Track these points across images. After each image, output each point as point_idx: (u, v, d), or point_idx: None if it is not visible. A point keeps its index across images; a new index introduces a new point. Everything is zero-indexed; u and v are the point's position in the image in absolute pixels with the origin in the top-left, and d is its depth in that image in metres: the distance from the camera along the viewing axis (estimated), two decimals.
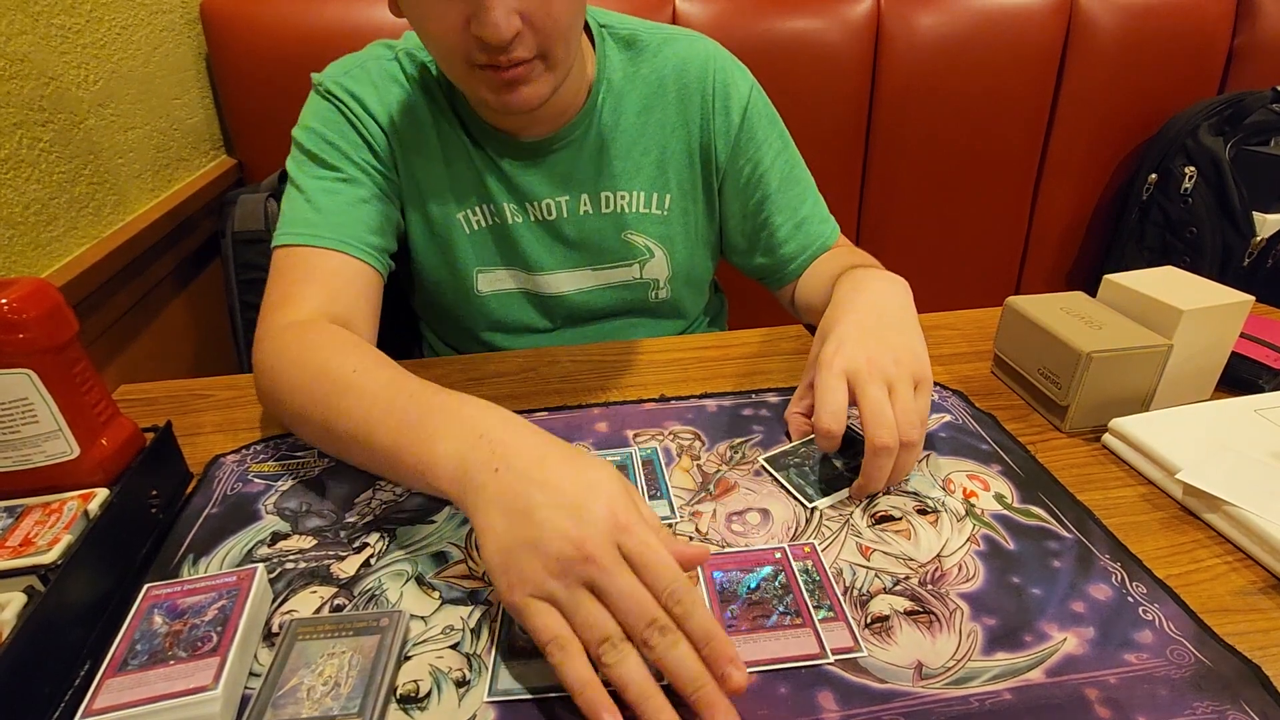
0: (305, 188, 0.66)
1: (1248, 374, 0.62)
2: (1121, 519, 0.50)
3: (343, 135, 0.67)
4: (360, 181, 0.67)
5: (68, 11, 0.80)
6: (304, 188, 0.66)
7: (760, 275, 0.82)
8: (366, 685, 0.38)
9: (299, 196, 0.66)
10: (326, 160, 0.66)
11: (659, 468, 0.56)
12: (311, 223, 0.64)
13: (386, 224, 0.69)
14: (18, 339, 0.44)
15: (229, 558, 0.48)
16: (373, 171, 0.68)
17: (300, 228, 0.64)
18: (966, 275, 1.40)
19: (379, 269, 0.66)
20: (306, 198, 0.65)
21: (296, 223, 0.64)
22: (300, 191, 0.66)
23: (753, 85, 0.75)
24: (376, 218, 0.67)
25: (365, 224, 0.66)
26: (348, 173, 0.66)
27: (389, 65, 0.70)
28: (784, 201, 0.76)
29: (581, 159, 0.73)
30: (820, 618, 0.42)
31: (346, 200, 0.66)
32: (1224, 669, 0.39)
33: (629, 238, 0.76)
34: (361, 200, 0.66)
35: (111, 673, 0.37)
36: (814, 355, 0.55)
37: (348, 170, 0.67)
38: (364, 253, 0.65)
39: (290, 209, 0.65)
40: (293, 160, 0.68)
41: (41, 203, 0.75)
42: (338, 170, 0.66)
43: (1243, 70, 1.28)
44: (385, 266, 0.68)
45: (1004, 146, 1.30)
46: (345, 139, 0.67)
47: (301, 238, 0.63)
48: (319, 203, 0.65)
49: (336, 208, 0.65)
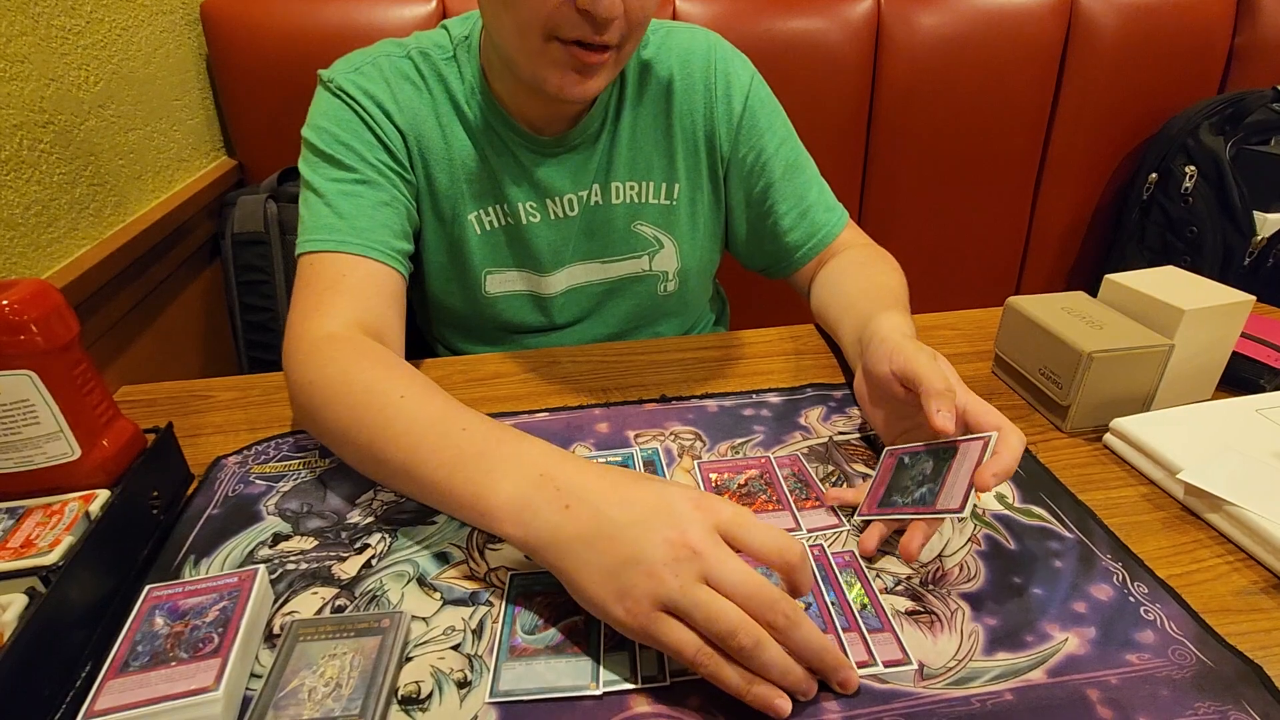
0: (324, 191, 0.64)
1: (1249, 374, 0.62)
2: (1123, 519, 0.50)
3: (357, 135, 0.66)
4: (379, 184, 0.66)
5: (68, 13, 0.80)
6: (322, 191, 0.64)
7: (765, 264, 0.82)
8: (368, 686, 0.38)
9: (318, 201, 0.64)
10: (342, 161, 0.65)
11: (660, 468, 0.56)
12: (336, 228, 0.62)
13: (408, 226, 0.68)
14: (19, 340, 0.43)
15: (230, 559, 0.48)
16: (389, 173, 0.67)
17: (325, 234, 0.62)
18: (967, 275, 1.40)
19: (403, 273, 0.66)
20: (327, 202, 0.64)
21: (320, 229, 0.63)
22: (319, 195, 0.64)
23: (753, 74, 0.76)
24: (398, 221, 0.66)
25: (389, 228, 0.65)
26: (365, 174, 0.65)
27: (401, 63, 0.69)
28: (788, 189, 0.76)
29: (595, 152, 0.73)
30: (842, 626, 0.42)
31: (369, 204, 0.64)
32: (1225, 669, 0.39)
33: (638, 228, 0.77)
34: (383, 203, 0.65)
35: (113, 674, 0.37)
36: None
37: (365, 172, 0.65)
38: (390, 258, 0.64)
39: (311, 214, 0.64)
40: (305, 162, 0.66)
41: (42, 204, 0.75)
42: (354, 172, 0.65)
43: (1243, 69, 1.28)
44: (408, 270, 0.67)
45: (1004, 146, 1.30)
46: (360, 139, 0.66)
47: (328, 244, 0.62)
48: (340, 207, 0.63)
49: (359, 212, 0.64)
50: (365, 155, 0.66)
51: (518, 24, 0.58)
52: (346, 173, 0.65)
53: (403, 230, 0.67)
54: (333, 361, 0.53)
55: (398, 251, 0.65)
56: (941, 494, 0.45)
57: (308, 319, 0.58)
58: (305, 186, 0.65)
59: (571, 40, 0.58)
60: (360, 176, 0.65)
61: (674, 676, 0.39)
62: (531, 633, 0.42)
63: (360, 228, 0.63)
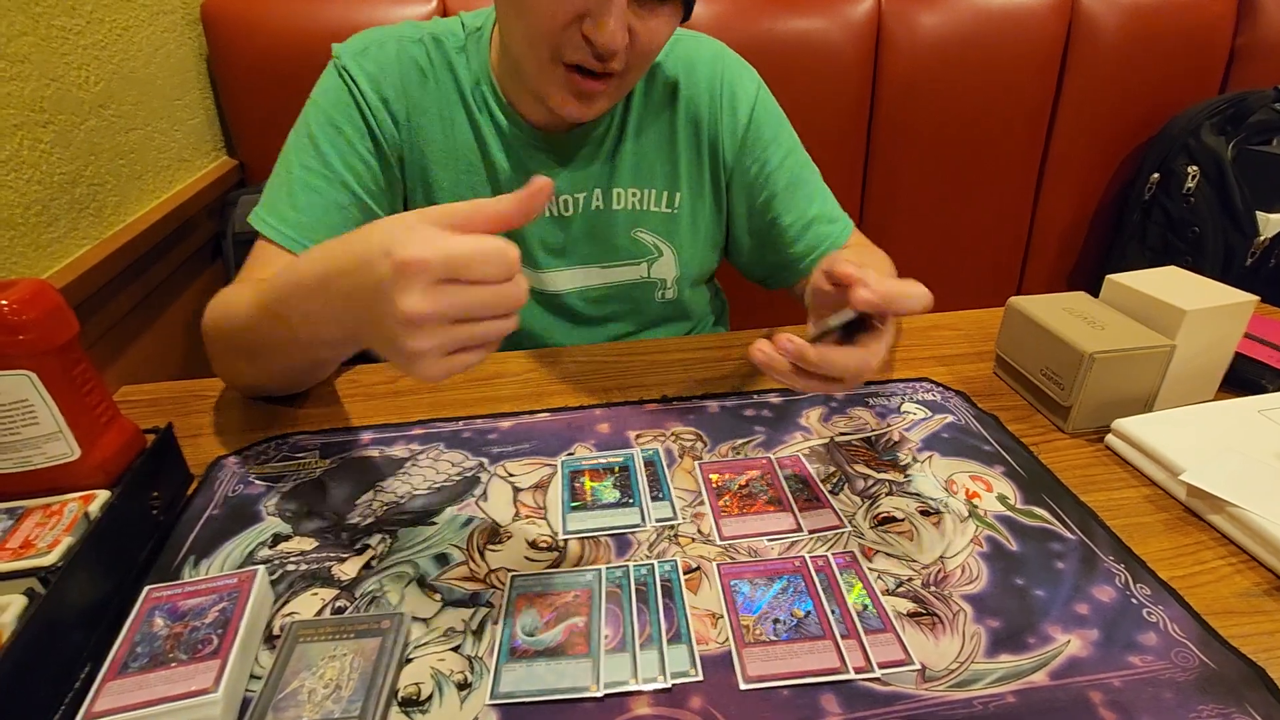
0: (293, 171, 0.65)
1: (1251, 375, 0.62)
2: (1125, 520, 0.50)
3: (349, 120, 0.67)
4: (347, 184, 0.66)
5: (68, 13, 0.80)
6: (292, 171, 0.66)
7: (767, 274, 0.82)
8: (368, 688, 0.38)
9: (284, 178, 0.66)
10: (322, 148, 0.66)
11: (661, 469, 0.55)
12: (285, 219, 0.64)
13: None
14: (18, 340, 0.43)
15: (230, 559, 0.48)
16: (371, 165, 0.67)
17: (274, 219, 0.64)
18: (968, 275, 1.40)
19: None
20: (289, 187, 0.65)
21: (273, 211, 0.65)
22: (288, 173, 0.66)
23: (760, 85, 0.76)
24: (350, 226, 0.66)
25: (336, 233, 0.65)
26: (337, 171, 0.66)
27: (412, 47, 0.69)
28: (792, 201, 0.76)
29: (599, 156, 0.73)
30: (840, 633, 0.42)
31: (324, 204, 0.65)
32: (1228, 671, 0.39)
33: (638, 235, 0.76)
34: (339, 206, 0.66)
35: (112, 675, 0.37)
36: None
37: (338, 168, 0.66)
38: None
39: (272, 189, 0.66)
40: (295, 130, 0.68)
41: (43, 204, 0.75)
42: (328, 166, 0.66)
43: (1245, 69, 1.28)
44: None
45: (1005, 146, 1.30)
46: (351, 124, 0.67)
47: (273, 232, 0.64)
48: (298, 199, 0.65)
49: (311, 208, 0.65)
50: (353, 142, 0.67)
51: (528, 35, 0.59)
52: (320, 164, 0.66)
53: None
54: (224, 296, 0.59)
55: None
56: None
57: (229, 287, 0.62)
58: (283, 154, 0.67)
59: (574, 63, 0.58)
60: (329, 173, 0.66)
61: (675, 678, 0.39)
62: (532, 634, 0.42)
63: (306, 224, 0.64)
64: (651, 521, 0.50)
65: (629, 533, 0.49)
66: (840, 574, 0.46)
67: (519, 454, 0.58)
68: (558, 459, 0.57)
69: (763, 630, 0.42)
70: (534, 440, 0.59)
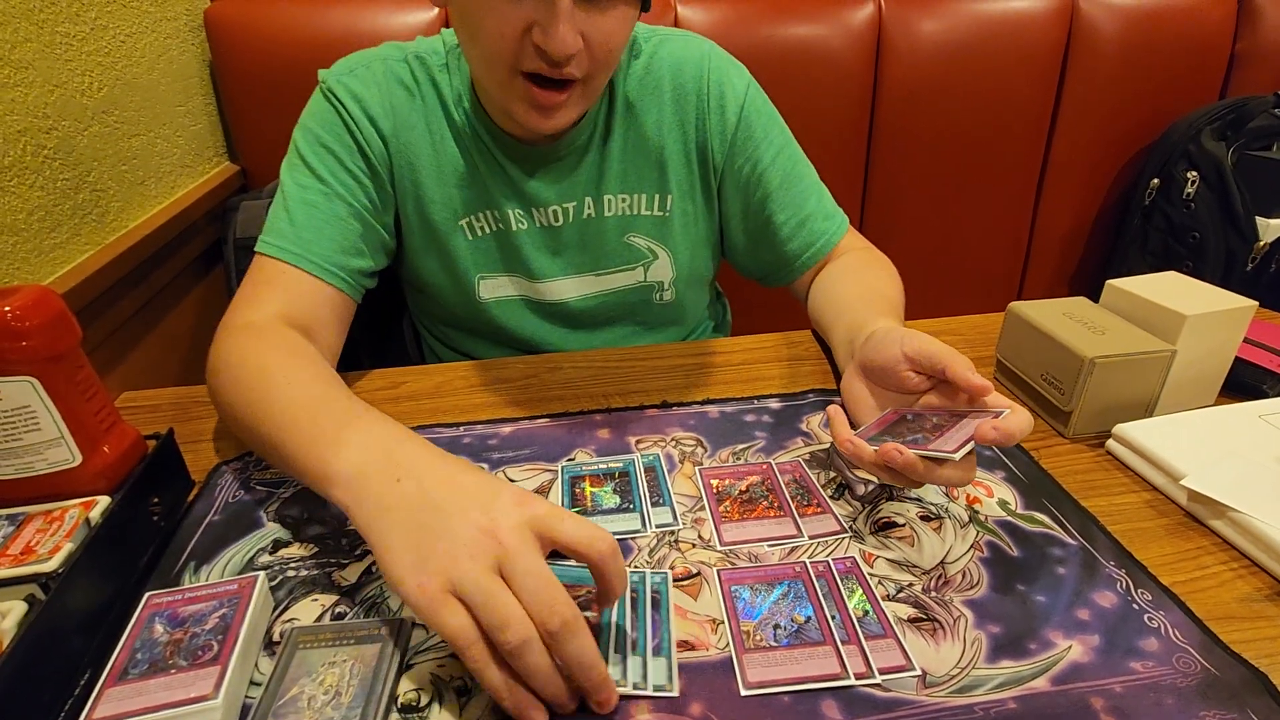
0: (289, 194, 0.66)
1: (1252, 379, 0.62)
2: (1126, 525, 0.50)
3: (339, 139, 0.67)
4: (343, 197, 0.67)
5: (72, 19, 0.81)
6: (288, 194, 0.66)
7: (764, 272, 0.82)
8: (367, 694, 0.38)
9: (281, 202, 0.66)
10: (315, 168, 0.66)
11: (661, 474, 0.55)
12: (284, 235, 0.64)
13: (364, 243, 0.69)
14: (20, 346, 0.43)
15: (230, 566, 0.48)
16: (364, 181, 0.68)
17: (274, 238, 0.65)
18: (968, 280, 1.40)
19: (345, 289, 0.66)
20: (287, 206, 0.66)
21: (272, 231, 0.65)
22: (284, 196, 0.66)
23: (749, 83, 0.75)
24: (350, 237, 0.67)
25: (336, 243, 0.66)
26: (332, 186, 0.66)
27: (397, 66, 0.70)
28: (786, 199, 0.75)
29: (586, 163, 0.73)
30: (841, 639, 0.42)
31: (323, 217, 0.66)
32: (1231, 677, 0.39)
33: (631, 240, 0.76)
34: (338, 218, 0.66)
35: (112, 682, 0.37)
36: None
37: (333, 184, 0.66)
38: (328, 273, 0.65)
39: (272, 215, 0.66)
40: (287, 159, 0.68)
41: (45, 209, 0.76)
42: (323, 182, 0.66)
43: (1244, 75, 1.28)
44: (355, 286, 0.68)
45: (1006, 152, 1.30)
46: (340, 143, 0.67)
47: (273, 249, 0.64)
48: (295, 215, 0.65)
49: (310, 224, 0.65)
50: (343, 160, 0.67)
51: (483, 55, 0.60)
52: (315, 181, 0.66)
53: (354, 247, 0.67)
54: (240, 346, 0.57)
55: (340, 268, 0.66)
56: (937, 440, 0.45)
57: (236, 310, 0.62)
58: (280, 183, 0.68)
59: (532, 72, 0.58)
60: (326, 188, 0.66)
61: (656, 690, 0.39)
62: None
63: (306, 239, 0.64)
64: (652, 527, 0.50)
65: (629, 538, 0.49)
66: (841, 579, 0.45)
67: (520, 459, 0.58)
68: (558, 464, 0.57)
69: (763, 636, 0.42)
70: (534, 445, 0.59)
